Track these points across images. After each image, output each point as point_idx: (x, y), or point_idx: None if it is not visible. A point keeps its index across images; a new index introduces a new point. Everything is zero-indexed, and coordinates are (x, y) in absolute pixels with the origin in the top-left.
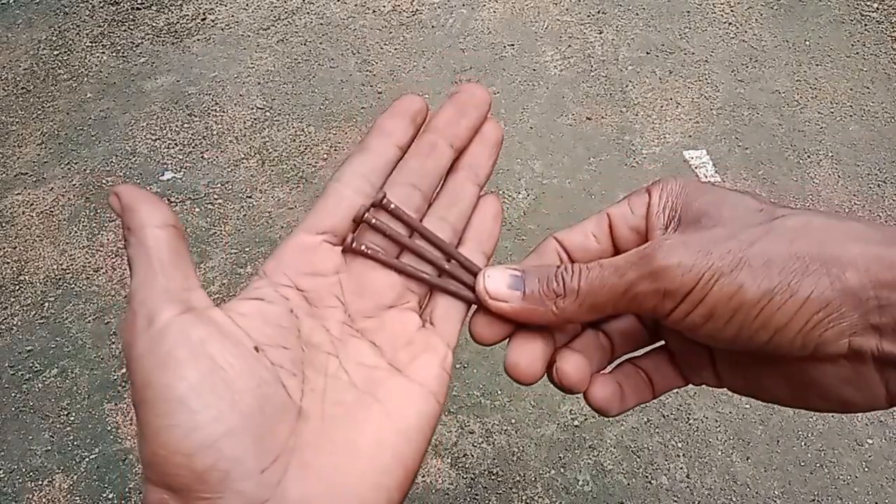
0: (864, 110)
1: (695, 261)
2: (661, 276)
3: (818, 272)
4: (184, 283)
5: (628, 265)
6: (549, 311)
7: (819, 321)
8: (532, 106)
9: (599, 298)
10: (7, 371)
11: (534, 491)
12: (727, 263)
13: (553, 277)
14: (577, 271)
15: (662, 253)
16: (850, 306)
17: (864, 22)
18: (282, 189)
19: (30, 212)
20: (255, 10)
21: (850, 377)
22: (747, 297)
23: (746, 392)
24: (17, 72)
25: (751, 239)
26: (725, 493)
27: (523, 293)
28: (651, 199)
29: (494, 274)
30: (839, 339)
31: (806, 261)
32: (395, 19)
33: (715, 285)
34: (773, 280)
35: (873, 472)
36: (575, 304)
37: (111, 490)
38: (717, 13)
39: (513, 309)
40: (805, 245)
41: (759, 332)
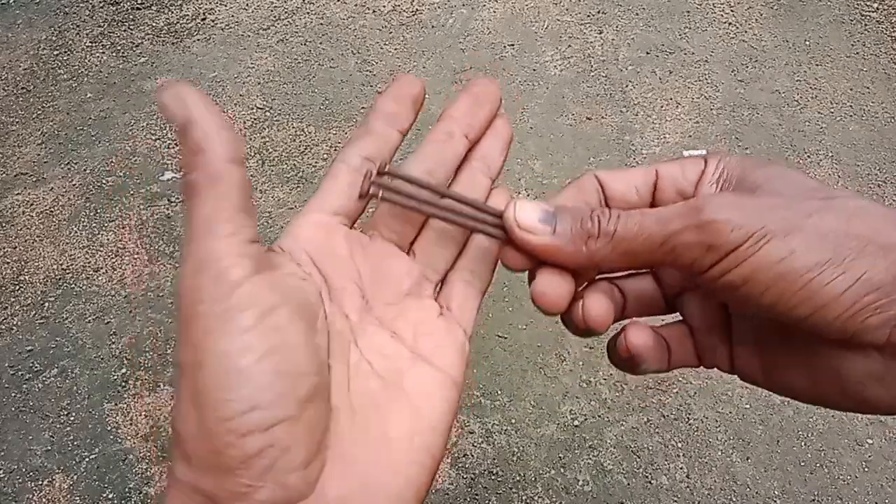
0: (864, 110)
1: (747, 219)
2: (708, 228)
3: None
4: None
5: (673, 215)
6: (578, 251)
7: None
8: (532, 106)
9: (635, 245)
10: (7, 371)
11: (534, 491)
12: (781, 227)
13: (588, 218)
14: (615, 215)
15: (713, 207)
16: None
17: (864, 22)
18: (282, 189)
19: (30, 212)
20: (255, 10)
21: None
22: (797, 264)
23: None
24: (17, 72)
25: (808, 210)
26: (725, 493)
27: (554, 229)
28: (707, 168)
29: (526, 205)
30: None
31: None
32: (395, 19)
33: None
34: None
35: (873, 472)
36: (608, 248)
37: (111, 490)
38: (717, 13)
39: (541, 243)
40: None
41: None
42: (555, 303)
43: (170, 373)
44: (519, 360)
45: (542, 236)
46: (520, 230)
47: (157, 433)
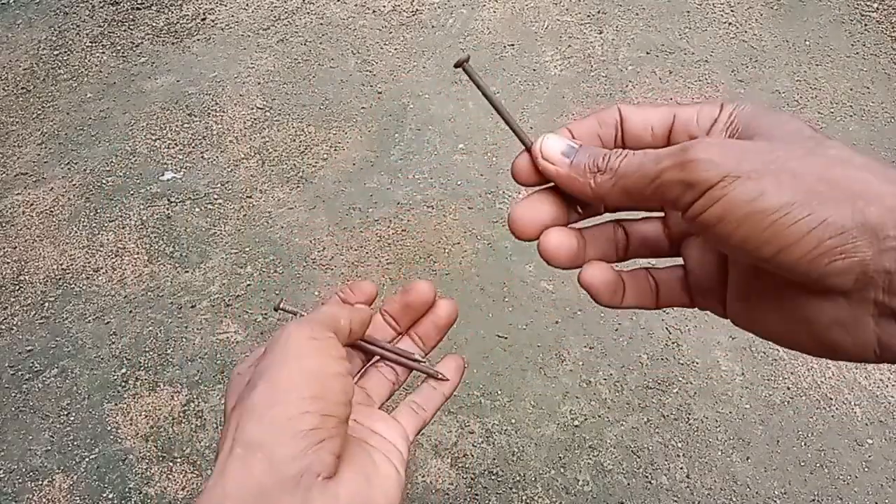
0: (864, 110)
1: (725, 160)
2: (689, 167)
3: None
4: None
5: (666, 154)
6: (586, 184)
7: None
8: (532, 106)
9: (631, 181)
10: (7, 371)
11: (534, 491)
12: (755, 169)
13: (600, 156)
14: (622, 154)
15: (697, 148)
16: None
17: (864, 22)
18: (282, 189)
19: (30, 212)
20: (255, 10)
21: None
22: (764, 204)
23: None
24: (17, 72)
25: (788, 156)
26: (725, 493)
27: (571, 162)
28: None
29: (553, 138)
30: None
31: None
32: (395, 19)
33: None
34: (796, 195)
35: (873, 472)
36: (610, 182)
37: (111, 490)
38: (717, 13)
39: (557, 172)
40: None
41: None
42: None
43: (169, 373)
44: (519, 360)
45: (560, 167)
46: (542, 160)
47: (157, 433)
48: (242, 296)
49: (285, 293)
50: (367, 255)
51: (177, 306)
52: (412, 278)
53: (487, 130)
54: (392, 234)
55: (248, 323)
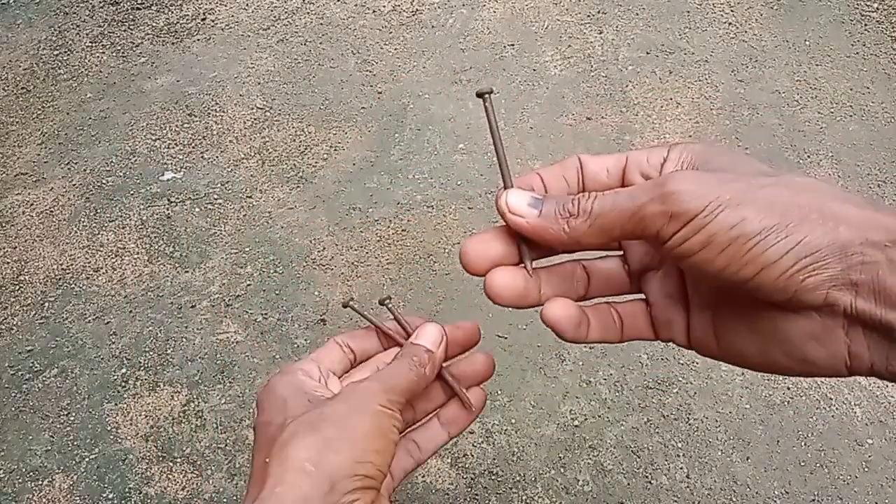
0: (864, 110)
1: (705, 190)
2: (670, 198)
3: (815, 221)
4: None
5: (641, 190)
6: (560, 230)
7: (804, 266)
8: (532, 106)
9: (609, 220)
10: (7, 371)
11: (534, 491)
12: (734, 198)
13: (570, 201)
14: (592, 196)
15: (675, 179)
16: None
17: (864, 22)
18: (282, 189)
19: (30, 212)
20: (255, 10)
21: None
22: (746, 229)
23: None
24: (17, 72)
25: (760, 184)
26: (725, 493)
27: (540, 212)
28: (669, 154)
29: (515, 192)
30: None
31: (806, 210)
32: (395, 19)
33: (720, 214)
34: (773, 219)
35: (873, 472)
36: (585, 224)
37: (111, 490)
38: (717, 13)
39: (529, 224)
40: (808, 198)
41: (747, 266)
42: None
43: (169, 373)
44: (519, 360)
45: (529, 219)
46: (510, 214)
47: (156, 433)
48: (242, 296)
49: (285, 293)
50: (367, 255)
51: (177, 306)
52: (412, 278)
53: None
54: (392, 234)
55: (248, 323)
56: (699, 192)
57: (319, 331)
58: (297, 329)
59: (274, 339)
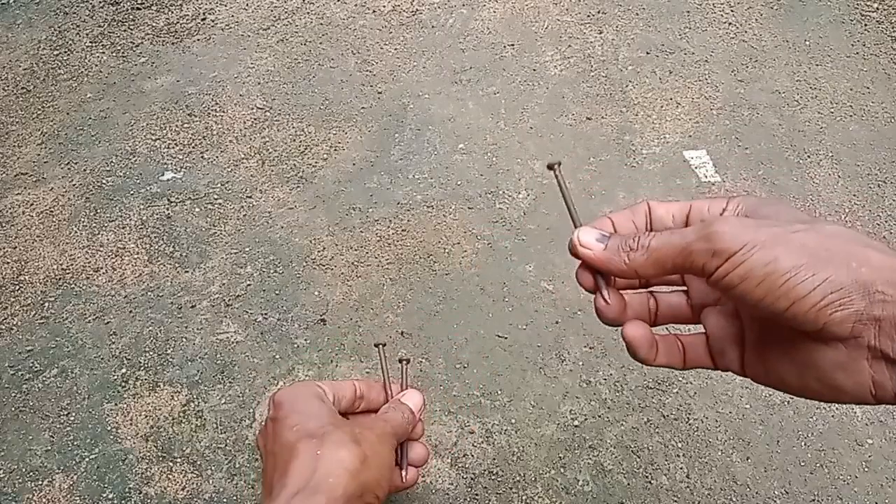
0: (864, 110)
1: (743, 232)
2: (714, 237)
3: (840, 262)
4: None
5: (691, 230)
6: (621, 262)
7: (831, 301)
8: (532, 106)
9: (662, 254)
10: (7, 371)
11: (534, 491)
12: (769, 239)
13: (631, 238)
14: (650, 234)
15: (719, 223)
16: (860, 296)
17: (864, 22)
18: (282, 189)
19: (30, 212)
20: (255, 10)
21: (844, 362)
22: (779, 265)
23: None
24: (17, 72)
25: (794, 230)
26: (725, 493)
27: (605, 246)
28: (728, 205)
29: (587, 230)
30: (844, 322)
31: (833, 252)
32: (395, 19)
33: (756, 252)
34: (803, 259)
35: (873, 472)
36: (643, 258)
37: (111, 490)
38: (717, 13)
39: (595, 256)
40: (835, 243)
41: (781, 299)
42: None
43: (169, 373)
44: (519, 360)
45: (596, 251)
46: (581, 247)
47: (157, 433)
48: (242, 296)
49: (285, 293)
50: (367, 255)
51: (177, 306)
52: (412, 278)
53: (487, 130)
54: (392, 234)
55: (248, 323)
56: (739, 234)
57: (319, 331)
58: (297, 329)
59: (274, 339)
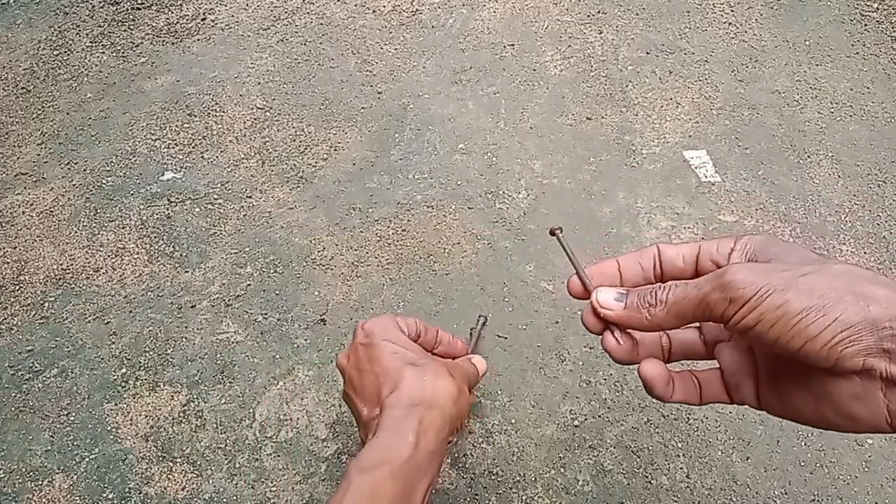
0: (864, 110)
1: (755, 279)
2: (729, 287)
3: (849, 301)
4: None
5: (706, 281)
6: (643, 318)
7: (842, 339)
8: (532, 106)
9: (682, 307)
10: (7, 371)
11: (534, 491)
12: (780, 284)
13: (648, 293)
14: (667, 288)
15: (732, 271)
16: (869, 331)
17: (864, 22)
18: (282, 189)
19: (30, 212)
20: (255, 10)
21: (859, 393)
22: (790, 308)
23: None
24: (17, 72)
25: (803, 272)
26: (725, 493)
27: (625, 304)
28: (736, 244)
29: (605, 290)
30: (855, 357)
31: (841, 292)
32: (395, 19)
33: (768, 298)
34: (813, 300)
35: (873, 472)
36: (663, 312)
37: (111, 490)
38: (717, 13)
39: (617, 315)
40: (843, 283)
41: (794, 339)
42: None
43: (169, 373)
44: (519, 360)
45: (617, 311)
46: (602, 309)
47: (157, 433)
48: (242, 296)
49: (285, 293)
50: (367, 255)
51: (177, 306)
52: (412, 278)
53: (487, 130)
54: (392, 234)
55: (248, 323)
56: (751, 281)
57: (319, 331)
58: (297, 329)
59: (274, 339)
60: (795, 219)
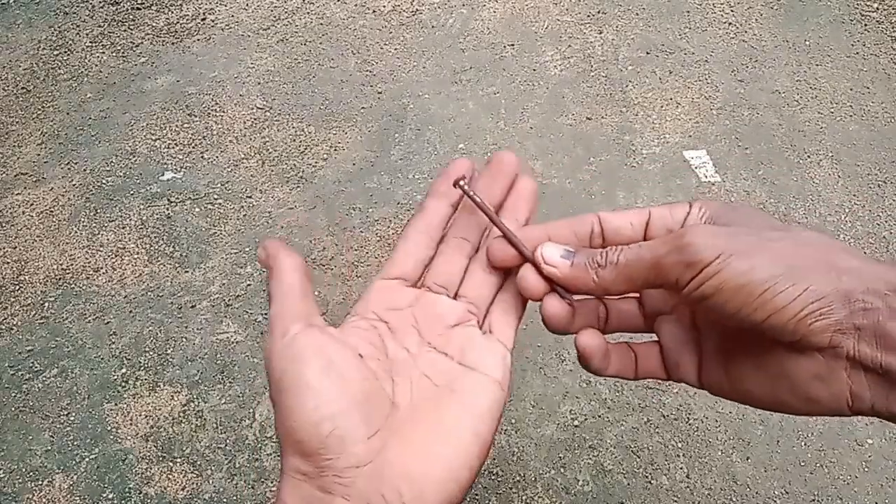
0: (864, 110)
1: (717, 241)
2: (686, 249)
3: (820, 270)
4: (309, 310)
5: (661, 242)
6: (590, 279)
7: (812, 311)
8: (532, 106)
9: (633, 269)
10: (7, 371)
11: (534, 491)
12: (745, 248)
13: (598, 253)
14: (619, 249)
15: (691, 232)
16: (840, 304)
17: (864, 22)
18: (282, 189)
19: (30, 212)
20: (255, 10)
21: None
22: (756, 276)
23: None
24: (17, 72)
25: (770, 237)
26: (725, 493)
27: (572, 263)
28: (692, 209)
29: (551, 246)
30: (824, 332)
31: (812, 260)
32: (395, 19)
33: (731, 262)
34: (781, 268)
35: (873, 472)
36: (612, 274)
37: (111, 490)
38: (717, 13)
39: (562, 274)
40: (813, 251)
41: (759, 310)
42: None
43: (169, 373)
44: (519, 360)
45: (562, 269)
46: (546, 265)
47: (157, 433)
48: (242, 296)
49: None
50: (367, 255)
51: (177, 306)
52: None
53: (487, 130)
54: (392, 234)
55: (248, 323)
56: (712, 243)
57: None
58: None
59: None
60: (795, 219)
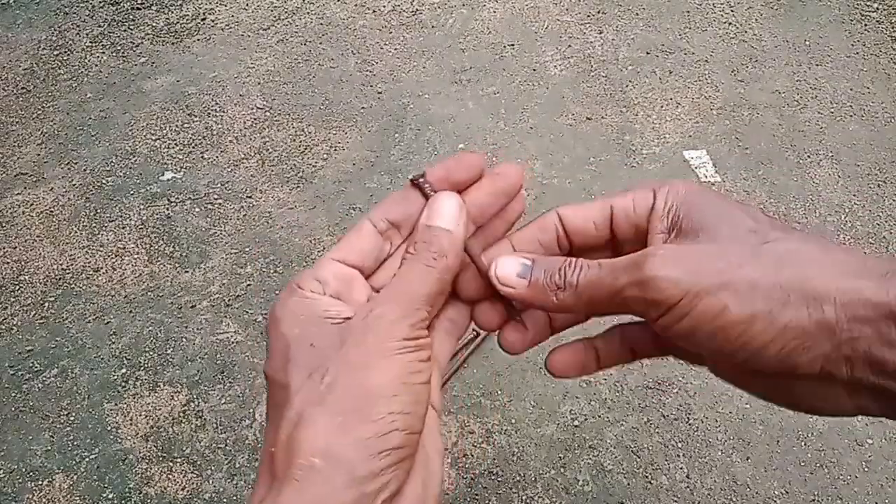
0: (864, 110)
1: (681, 276)
2: (647, 286)
3: (798, 304)
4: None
5: (622, 269)
6: (549, 301)
7: (795, 347)
8: (532, 106)
9: (595, 296)
10: (7, 371)
11: (534, 491)
12: (714, 283)
13: (556, 271)
14: (578, 267)
15: (652, 263)
16: (825, 336)
17: (864, 22)
18: (282, 189)
19: (30, 212)
20: (255, 10)
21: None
22: (730, 317)
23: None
24: (17, 72)
25: (740, 261)
26: (725, 493)
27: (529, 281)
28: (656, 201)
29: (505, 261)
30: (812, 364)
31: (788, 292)
32: (395, 19)
33: (700, 303)
34: (756, 305)
35: (873, 472)
36: (573, 298)
37: (111, 490)
38: (717, 13)
39: (519, 294)
40: (791, 274)
41: (739, 351)
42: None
43: (169, 373)
44: (519, 360)
45: (519, 289)
46: (501, 286)
47: (157, 433)
48: (242, 296)
49: None
50: None
51: (177, 306)
52: None
53: (487, 130)
54: None
55: (248, 323)
56: (676, 279)
57: None
58: None
59: None
60: (795, 219)
